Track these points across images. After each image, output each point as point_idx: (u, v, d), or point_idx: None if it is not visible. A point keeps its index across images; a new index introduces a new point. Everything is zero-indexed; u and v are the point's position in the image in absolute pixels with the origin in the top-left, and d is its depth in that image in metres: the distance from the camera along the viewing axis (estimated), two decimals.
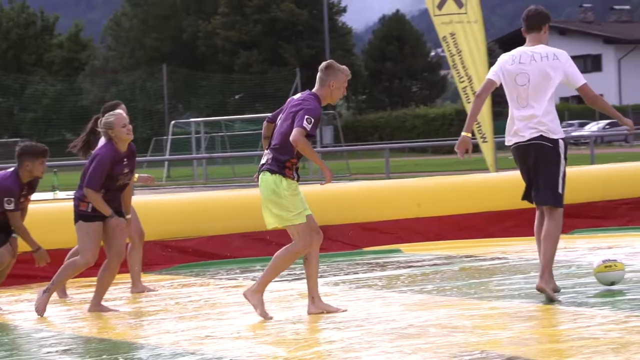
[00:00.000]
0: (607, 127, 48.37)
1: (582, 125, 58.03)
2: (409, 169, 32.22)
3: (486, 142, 13.01)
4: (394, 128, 65.16)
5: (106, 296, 7.60)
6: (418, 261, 9.72)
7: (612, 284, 7.30)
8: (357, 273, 9.03)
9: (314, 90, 6.99)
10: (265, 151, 6.85)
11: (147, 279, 8.91)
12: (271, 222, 6.81)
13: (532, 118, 7.06)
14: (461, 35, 12.95)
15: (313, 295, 6.83)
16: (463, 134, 7.27)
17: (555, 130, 7.07)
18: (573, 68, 7.12)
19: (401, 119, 65.85)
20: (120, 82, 64.11)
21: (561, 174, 7.04)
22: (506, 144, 7.30)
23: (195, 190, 21.97)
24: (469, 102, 12.86)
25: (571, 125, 58.69)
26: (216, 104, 58.69)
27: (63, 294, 8.25)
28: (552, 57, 7.10)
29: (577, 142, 51.05)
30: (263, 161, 6.83)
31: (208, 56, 67.29)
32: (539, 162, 7.04)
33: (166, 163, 35.61)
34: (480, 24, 12.91)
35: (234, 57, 66.00)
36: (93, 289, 7.59)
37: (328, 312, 6.75)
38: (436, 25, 13.19)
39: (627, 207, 12.31)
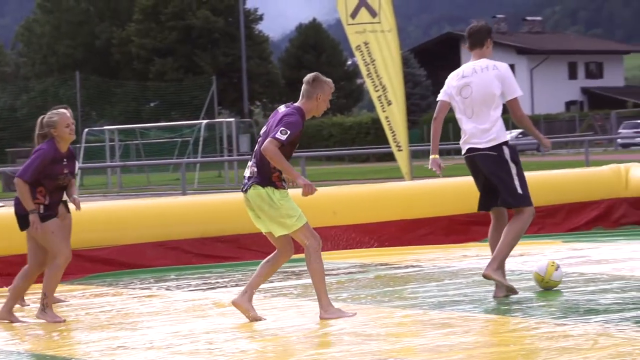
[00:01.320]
0: (520, 136, 49.16)
1: None
2: (326, 178, 32.31)
3: (401, 150, 13.09)
4: (311, 136, 65.29)
5: (15, 306, 7.45)
6: (333, 269, 9.73)
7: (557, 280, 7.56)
8: (273, 282, 8.99)
9: (298, 103, 7.01)
10: (250, 163, 6.86)
11: (58, 289, 8.74)
12: (276, 231, 6.87)
13: (478, 128, 7.35)
14: (375, 44, 12.94)
15: (248, 290, 6.85)
16: (431, 157, 7.59)
17: (499, 138, 7.33)
18: (511, 80, 7.37)
19: (318, 128, 66.04)
20: (31, 89, 63.01)
21: (515, 177, 7.31)
22: (462, 154, 7.57)
23: (109, 199, 21.71)
24: (384, 111, 12.93)
25: None
26: (131, 111, 58.09)
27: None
28: (492, 68, 7.38)
29: None
30: (248, 174, 6.85)
31: (122, 63, 66.61)
32: (490, 170, 7.35)
33: (79, 171, 35.09)
34: (394, 33, 12.95)
35: (149, 64, 65.46)
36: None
37: (248, 315, 6.78)
38: (349, 34, 13.16)
39: (538, 215, 12.45)
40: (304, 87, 7.00)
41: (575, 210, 12.53)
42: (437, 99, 7.67)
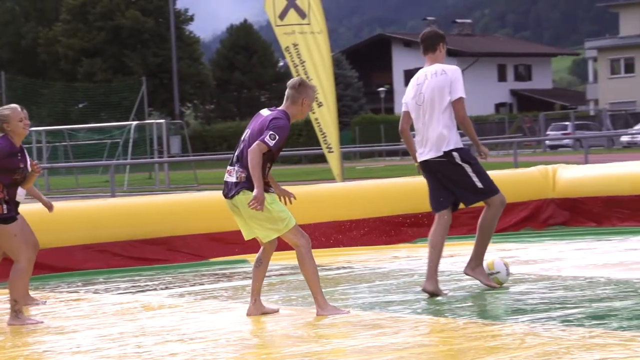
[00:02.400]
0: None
1: None
2: None
3: (332, 152, 13.10)
4: None
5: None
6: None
7: (497, 272, 7.73)
8: (203, 284, 8.95)
9: (283, 107, 6.96)
10: (235, 168, 6.81)
11: None
12: (268, 236, 6.85)
13: (429, 134, 7.54)
14: (304, 46, 12.90)
15: (255, 297, 6.95)
16: (415, 163, 7.80)
17: (450, 142, 7.50)
18: (456, 82, 7.52)
19: None
20: None
21: (472, 175, 7.53)
22: (417, 158, 7.73)
23: (36, 202, 21.35)
24: (314, 113, 12.90)
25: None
26: (59, 112, 57.31)
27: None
28: (440, 73, 7.54)
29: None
30: (234, 179, 6.80)
31: (49, 64, 65.74)
32: (444, 175, 7.57)
33: None
34: (324, 35, 12.94)
35: (77, 65, 64.71)
36: None
37: (265, 314, 6.88)
38: (278, 35, 13.10)
39: (468, 216, 12.60)
40: (288, 91, 6.98)
41: (504, 211, 12.57)
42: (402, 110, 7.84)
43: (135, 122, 35.92)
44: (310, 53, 12.89)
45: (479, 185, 7.54)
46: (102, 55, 65.02)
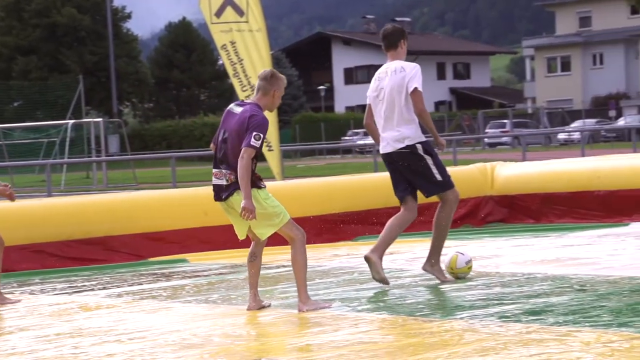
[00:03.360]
0: None
1: (366, 134, 59.58)
2: (197, 178, 32.07)
3: (272, 150, 13.08)
4: (183, 137, 64.88)
5: None
6: (204, 270, 9.66)
7: (457, 278, 7.91)
8: (142, 284, 8.87)
9: (254, 99, 6.88)
10: (222, 170, 6.77)
11: None
12: (265, 233, 6.84)
13: (392, 128, 7.74)
14: (242, 44, 12.81)
15: (254, 292, 6.95)
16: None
17: (411, 136, 7.72)
18: (413, 77, 7.69)
19: (190, 128, 65.62)
20: None
21: (432, 167, 7.76)
22: (380, 151, 7.95)
23: None
24: None
25: (357, 134, 60.23)
26: None
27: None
28: (399, 70, 7.75)
29: (362, 150, 52.40)
30: (224, 182, 6.75)
31: None
32: (407, 167, 7.79)
33: None
34: (263, 33, 12.88)
35: (12, 63, 63.80)
36: None
37: (262, 308, 6.92)
38: (213, 33, 12.98)
39: None
40: (260, 83, 6.90)
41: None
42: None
43: (72, 121, 35.52)
44: (248, 51, 12.83)
45: (439, 177, 7.78)
46: (38, 53, 64.21)
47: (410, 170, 7.79)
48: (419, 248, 10.57)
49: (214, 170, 6.87)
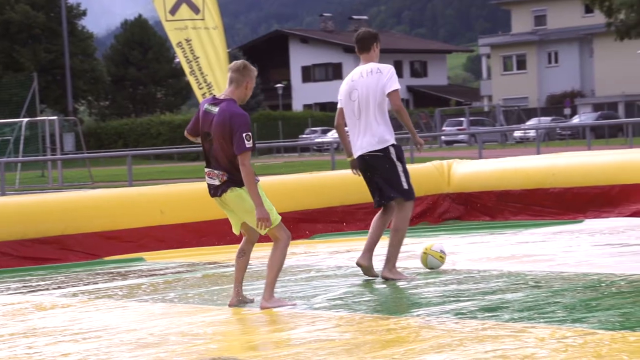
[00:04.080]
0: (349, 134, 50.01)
1: (324, 132, 59.63)
2: (154, 177, 31.93)
3: None
4: (139, 135, 64.51)
5: None
6: (161, 269, 9.62)
7: (431, 268, 8.22)
8: (97, 283, 8.81)
9: (227, 93, 6.83)
10: (214, 171, 6.72)
11: None
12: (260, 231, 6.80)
13: (365, 129, 7.87)
14: (198, 41, 12.73)
15: (238, 288, 6.97)
16: (348, 159, 8.13)
17: (385, 138, 7.85)
18: (389, 78, 7.84)
19: (146, 126, 65.26)
20: None
21: (401, 174, 7.90)
22: (353, 154, 8.05)
23: None
24: None
25: (315, 132, 60.26)
26: None
27: None
28: (375, 71, 7.87)
29: (320, 148, 52.42)
30: (217, 182, 6.72)
31: None
32: (378, 169, 7.90)
33: None
34: (220, 31, 12.82)
35: None
36: None
37: (245, 303, 6.95)
38: (168, 30, 12.89)
39: (365, 212, 12.70)
40: (233, 75, 6.83)
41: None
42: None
43: (26, 119, 35.15)
44: (204, 49, 12.77)
45: (405, 186, 7.91)
46: None
47: (380, 174, 7.90)
48: (378, 246, 10.60)
49: (206, 170, 6.85)
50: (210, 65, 12.76)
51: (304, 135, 59.48)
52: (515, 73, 75.46)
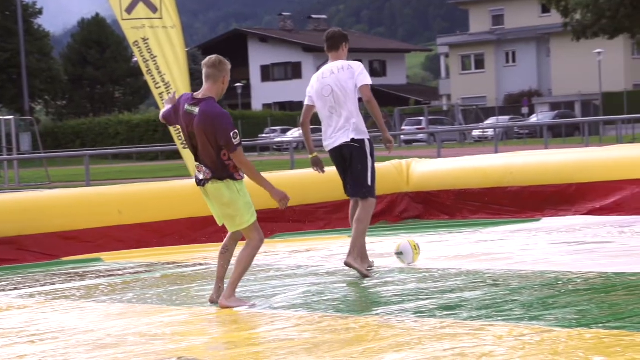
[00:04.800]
0: (297, 135, 50.05)
1: (284, 132, 59.58)
2: (112, 176, 31.73)
3: (187, 148, 12.94)
4: (97, 134, 64.07)
5: None
6: (119, 269, 9.56)
7: (400, 254, 8.51)
8: (55, 284, 8.73)
9: (205, 91, 6.78)
10: (202, 168, 6.74)
11: None
12: (231, 227, 6.82)
13: (340, 123, 8.11)
14: (155, 40, 12.64)
15: (220, 285, 6.95)
16: (310, 156, 8.36)
17: (360, 131, 8.10)
18: (361, 73, 8.12)
19: (104, 126, 64.83)
20: None
21: (369, 170, 8.12)
22: (325, 149, 8.29)
23: None
24: None
25: (274, 131, 60.17)
26: None
27: None
28: (347, 68, 8.14)
29: (280, 148, 52.36)
30: (201, 177, 6.74)
31: None
32: (350, 161, 8.12)
33: None
34: (178, 30, 12.75)
35: None
36: None
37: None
38: (125, 29, 12.79)
39: (324, 211, 12.74)
40: (209, 70, 6.77)
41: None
42: (304, 103, 8.32)
43: None
44: (161, 48, 12.68)
45: (368, 182, 8.12)
46: None
47: (352, 166, 8.11)
48: (336, 245, 10.62)
49: (196, 163, 6.89)
50: (168, 65, 12.68)
51: (263, 135, 59.39)
52: (474, 72, 75.92)
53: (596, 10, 44.19)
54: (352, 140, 8.07)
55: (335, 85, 8.10)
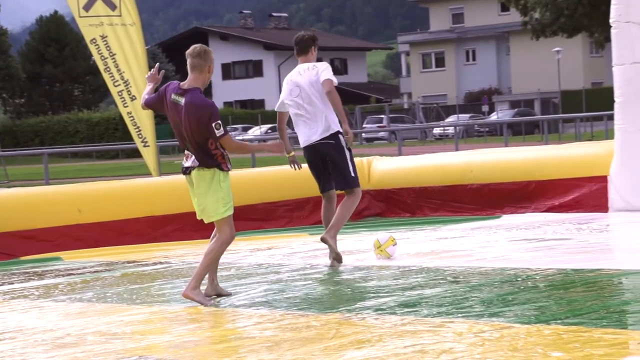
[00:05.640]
0: (270, 131, 49.98)
1: (245, 130, 59.47)
2: (71, 175, 31.51)
3: (148, 146, 12.89)
4: (56, 133, 63.56)
5: None
6: (78, 268, 9.50)
7: (377, 240, 8.75)
8: (13, 283, 8.65)
9: (190, 81, 6.80)
10: (191, 156, 6.79)
11: None
12: (209, 218, 6.84)
13: (311, 121, 8.39)
14: (114, 38, 12.56)
15: (213, 277, 6.96)
16: (287, 155, 8.44)
17: (333, 127, 8.37)
18: (324, 70, 8.40)
19: (63, 124, 64.34)
20: None
21: (349, 162, 8.41)
22: (301, 145, 8.54)
23: None
24: (126, 107, 12.66)
25: (235, 129, 60.02)
26: None
27: None
28: (311, 68, 8.46)
29: None
30: (188, 164, 6.79)
31: None
32: (329, 157, 8.40)
33: None
34: (138, 27, 12.67)
35: None
36: None
37: (220, 295, 6.95)
38: (82, 27, 12.68)
39: (285, 209, 12.73)
40: (194, 60, 6.78)
41: (321, 203, 12.81)
42: (277, 110, 8.69)
43: None
44: (121, 45, 12.60)
45: (352, 174, 8.44)
46: None
47: (333, 162, 8.40)
48: (297, 243, 10.63)
49: (185, 152, 6.92)
50: (127, 62, 12.61)
51: None
52: (434, 70, 76.22)
53: (554, 9, 44.52)
54: (326, 137, 8.34)
55: (303, 85, 8.39)
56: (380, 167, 13.45)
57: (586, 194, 11.84)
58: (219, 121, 6.70)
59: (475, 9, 74.60)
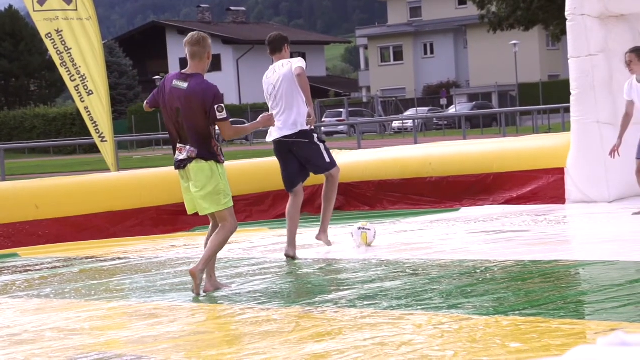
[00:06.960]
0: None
1: None
2: (28, 171, 31.22)
3: (105, 141, 12.81)
4: (12, 128, 62.99)
5: None
6: (36, 265, 9.42)
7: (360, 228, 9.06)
8: None
9: (192, 69, 6.82)
10: (185, 147, 6.75)
11: None
12: (207, 208, 6.80)
13: (284, 116, 8.49)
14: (69, 32, 12.46)
15: (211, 273, 6.97)
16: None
17: (301, 121, 8.48)
18: (297, 62, 8.52)
19: (20, 119, 63.77)
20: None
21: (324, 152, 8.69)
22: (267, 139, 8.76)
23: None
24: (83, 102, 12.56)
25: None
26: None
27: None
28: (286, 64, 8.59)
29: None
30: (184, 157, 6.73)
31: None
32: (300, 150, 8.58)
33: None
34: (94, 22, 12.58)
35: None
36: None
37: (217, 289, 6.93)
38: (36, 21, 12.57)
39: (245, 203, 12.72)
40: (194, 49, 6.82)
41: (280, 197, 12.81)
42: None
43: None
44: (77, 40, 12.51)
45: (328, 160, 8.73)
46: None
47: (304, 157, 8.61)
48: (257, 237, 10.62)
49: (178, 146, 6.86)
50: (83, 57, 12.51)
51: None
52: (392, 64, 76.42)
53: (511, 3, 44.81)
54: (298, 132, 8.49)
55: (278, 82, 8.53)
56: (339, 161, 13.43)
57: (543, 186, 11.95)
58: (222, 104, 6.75)
59: (432, 3, 74.88)
